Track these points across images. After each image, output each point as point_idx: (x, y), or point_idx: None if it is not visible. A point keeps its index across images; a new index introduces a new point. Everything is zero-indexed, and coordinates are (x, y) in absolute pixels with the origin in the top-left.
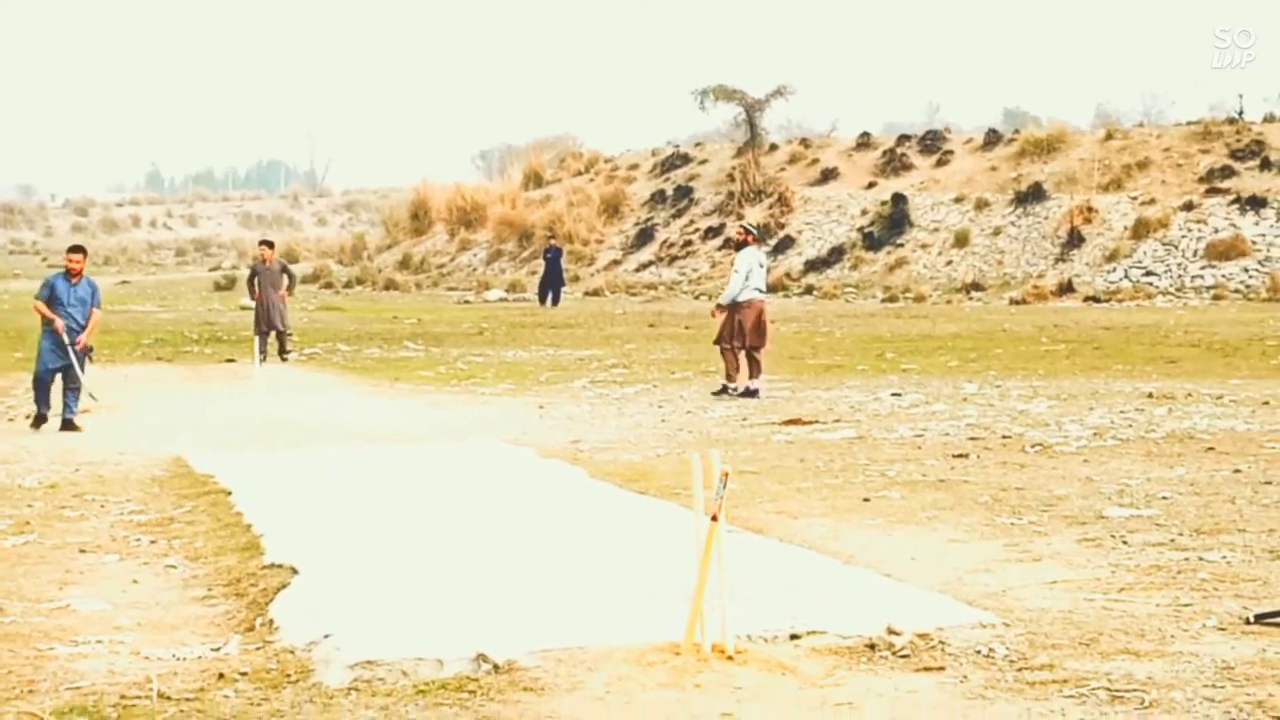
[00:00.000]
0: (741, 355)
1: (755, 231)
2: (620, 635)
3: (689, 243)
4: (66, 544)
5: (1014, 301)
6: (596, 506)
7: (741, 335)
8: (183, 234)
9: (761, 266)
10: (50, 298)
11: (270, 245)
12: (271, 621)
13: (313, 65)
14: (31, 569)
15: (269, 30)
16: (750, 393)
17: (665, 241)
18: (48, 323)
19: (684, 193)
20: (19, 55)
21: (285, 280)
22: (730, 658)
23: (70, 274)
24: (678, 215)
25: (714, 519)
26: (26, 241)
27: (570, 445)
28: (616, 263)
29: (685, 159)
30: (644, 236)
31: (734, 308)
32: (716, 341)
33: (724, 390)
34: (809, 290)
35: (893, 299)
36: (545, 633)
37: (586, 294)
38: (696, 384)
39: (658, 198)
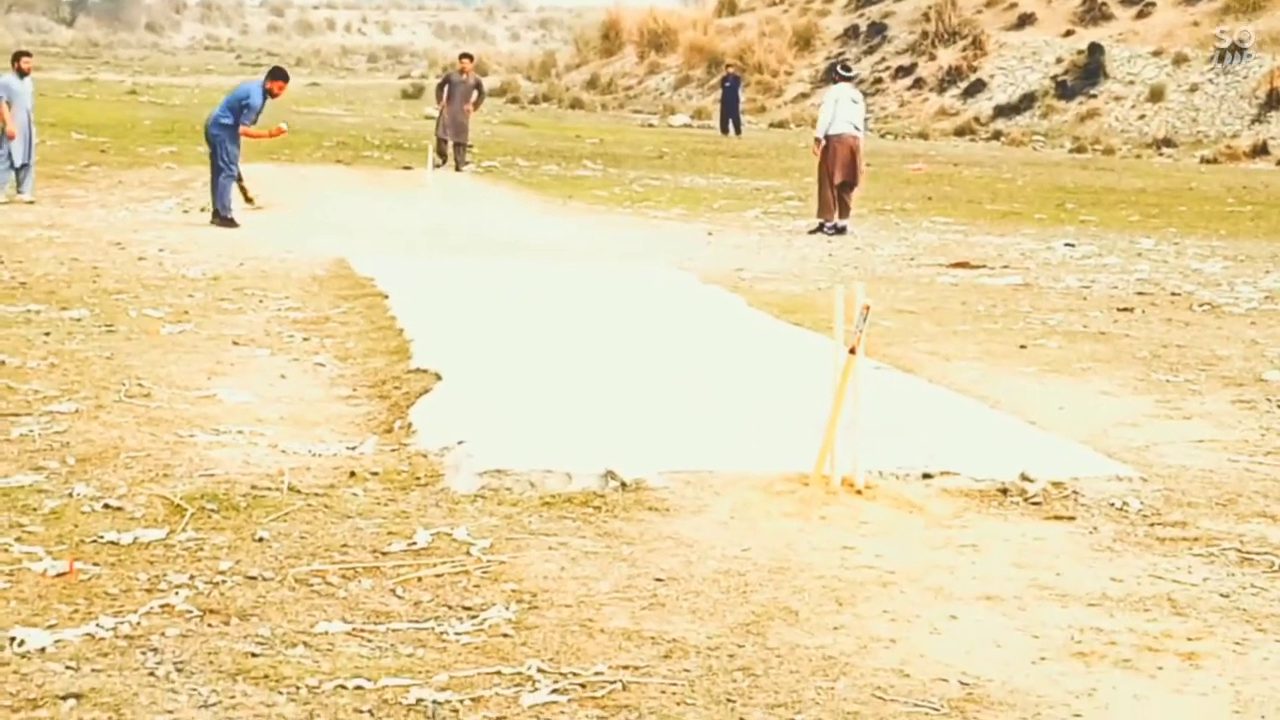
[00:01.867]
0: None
1: (849, 73)
2: (752, 463)
3: (879, 80)
4: (221, 335)
5: (1205, 160)
6: (748, 335)
7: (832, 170)
8: (376, 40)
9: (854, 102)
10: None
11: (470, 58)
12: (409, 425)
13: None
14: (183, 358)
15: None
16: (839, 230)
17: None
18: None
19: (877, 30)
20: None
21: (475, 95)
22: (859, 492)
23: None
24: (869, 52)
25: (852, 352)
26: (222, 38)
27: (733, 273)
28: (804, 95)
29: None
30: (832, 72)
31: (827, 143)
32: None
33: (820, 228)
34: (996, 136)
35: (1080, 150)
36: (677, 455)
37: (771, 125)
38: (870, 221)
39: (850, 33)
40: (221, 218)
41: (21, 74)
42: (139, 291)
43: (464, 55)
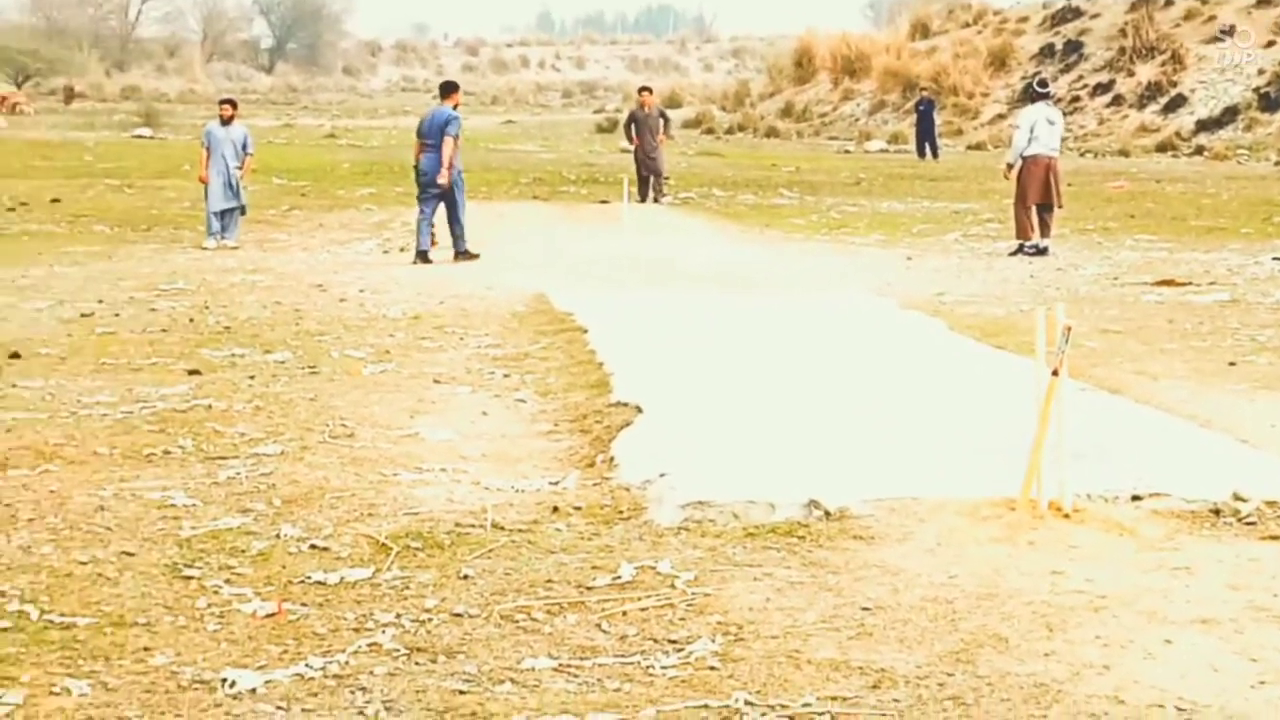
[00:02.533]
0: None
1: (1045, 90)
2: (956, 488)
3: (1076, 98)
4: (422, 374)
5: None
6: (950, 359)
7: (1030, 192)
8: (569, 76)
9: (1051, 123)
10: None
11: (649, 91)
12: (611, 458)
13: None
14: (386, 397)
15: None
16: (1041, 251)
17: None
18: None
19: (1074, 47)
20: None
21: (662, 124)
22: (1066, 516)
23: None
24: (1066, 70)
25: (1055, 374)
26: (418, 79)
27: (933, 297)
28: (1001, 116)
29: (1077, 13)
30: (1029, 90)
31: (1023, 165)
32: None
33: (1020, 250)
34: (1199, 151)
35: None
36: (880, 482)
37: (968, 148)
38: (1072, 241)
39: (1046, 51)
40: (467, 253)
41: (223, 121)
42: (341, 332)
43: (643, 89)
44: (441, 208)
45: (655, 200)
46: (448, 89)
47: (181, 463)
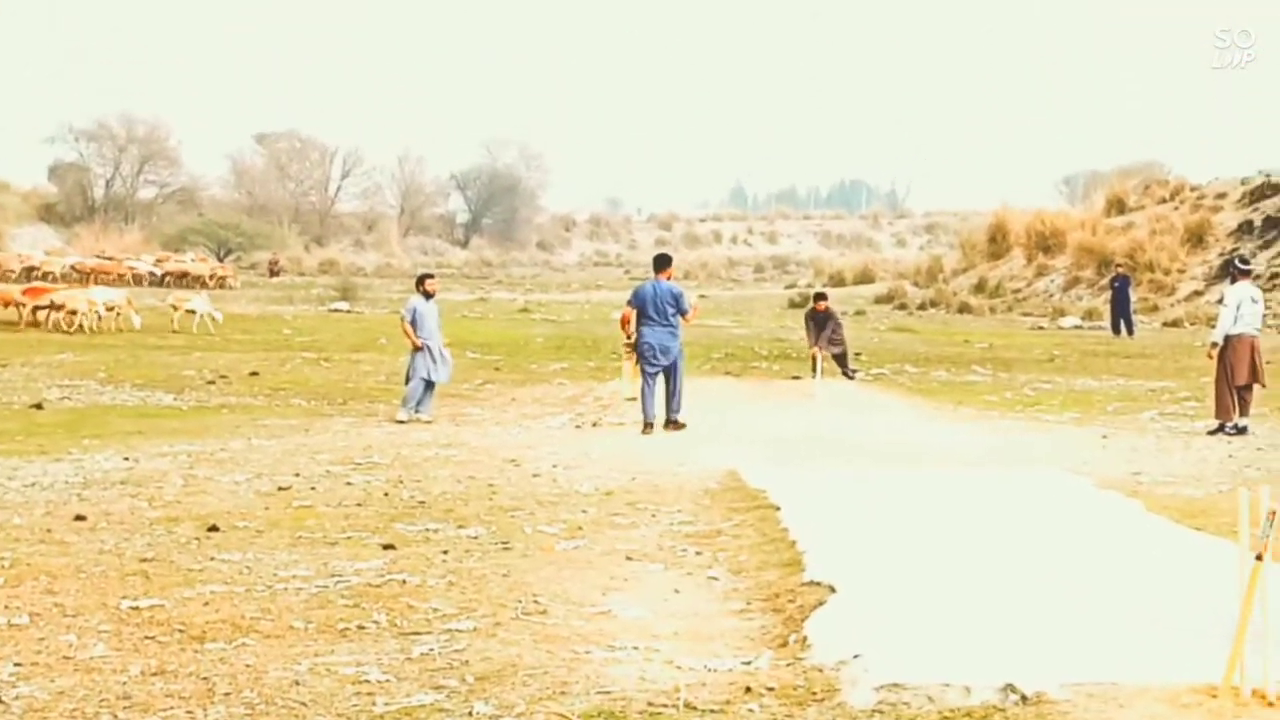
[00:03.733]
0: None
1: (1248, 266)
2: (1157, 673)
3: (1276, 275)
4: (615, 550)
5: None
6: (1148, 541)
7: (1235, 371)
8: (762, 250)
9: (1254, 301)
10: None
11: (824, 297)
12: (805, 638)
13: (898, 84)
14: (578, 573)
15: (856, 50)
16: (1241, 430)
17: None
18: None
19: (1272, 224)
20: (618, 74)
21: (831, 329)
22: (1270, 704)
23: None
24: (1265, 246)
25: (1259, 558)
26: (611, 254)
27: (1130, 477)
28: (1198, 293)
29: (1275, 188)
30: (1229, 267)
31: (1226, 343)
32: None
33: (1220, 429)
34: None
35: None
36: (1078, 666)
37: (1165, 324)
38: (1272, 420)
39: (1245, 228)
40: (678, 423)
41: (427, 295)
42: (534, 508)
43: (819, 295)
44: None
45: (849, 376)
46: (663, 262)
47: (376, 638)
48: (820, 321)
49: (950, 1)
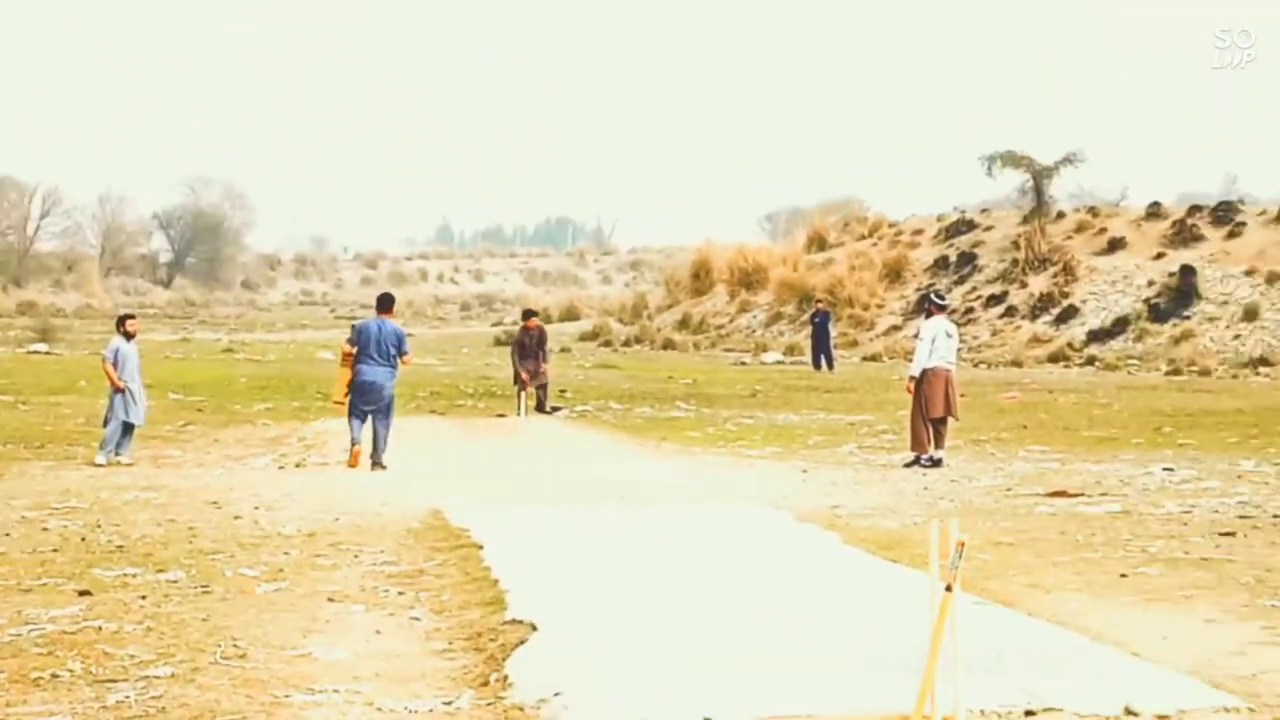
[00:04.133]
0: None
1: (943, 301)
2: (852, 704)
3: (970, 309)
4: (317, 592)
5: None
6: (844, 573)
7: (931, 404)
8: (469, 288)
9: (949, 336)
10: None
11: (533, 314)
12: (506, 677)
13: (605, 125)
14: (279, 616)
15: (562, 90)
16: (936, 462)
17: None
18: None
19: (967, 259)
20: (323, 112)
21: (542, 352)
22: None
23: None
24: (960, 282)
25: (949, 588)
26: (317, 293)
27: (828, 510)
28: (896, 328)
29: (970, 225)
30: (925, 302)
31: (922, 377)
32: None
33: (916, 461)
34: (1091, 361)
35: (1176, 372)
36: (775, 699)
37: (864, 359)
38: (965, 452)
39: (940, 263)
40: (382, 464)
41: (128, 336)
42: (235, 550)
43: (528, 313)
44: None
45: (549, 412)
46: (387, 302)
47: (70, 686)
48: (531, 343)
49: (649, 39)
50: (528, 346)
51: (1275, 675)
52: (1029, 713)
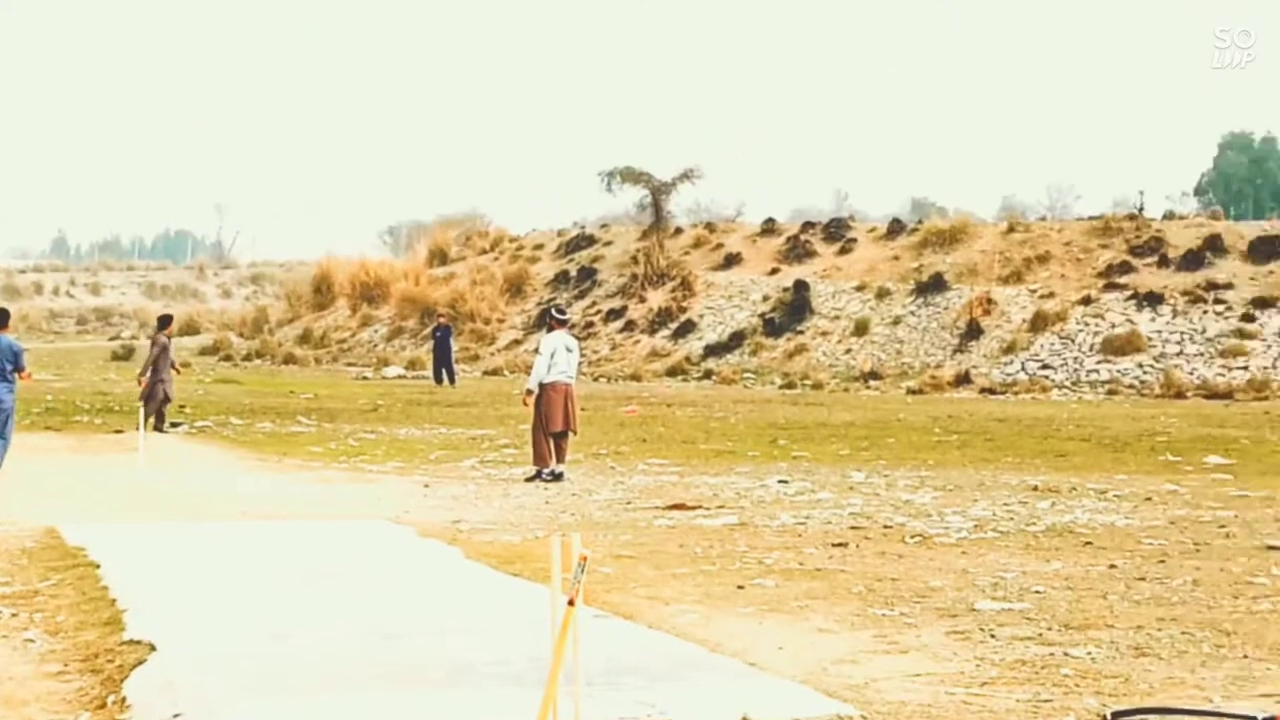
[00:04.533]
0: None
1: (564, 316)
2: (474, 719)
3: (590, 324)
4: None
5: (911, 391)
6: (467, 588)
7: (550, 419)
8: (85, 302)
9: (569, 350)
10: None
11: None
12: (124, 699)
13: (223, 136)
14: None
15: (178, 100)
16: (557, 476)
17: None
18: None
19: (587, 274)
20: None
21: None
22: None
23: None
24: (580, 296)
25: (571, 603)
26: None
27: (451, 525)
28: (518, 342)
29: (590, 240)
30: (546, 316)
31: (541, 392)
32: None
33: (537, 475)
34: (708, 375)
35: (790, 385)
36: (397, 714)
37: (486, 373)
38: (586, 466)
39: (561, 278)
40: None
41: None
42: None
43: (164, 318)
44: None
45: (159, 429)
46: (3, 317)
47: None
48: (158, 352)
49: (262, 44)
50: (157, 358)
51: (887, 683)
52: None
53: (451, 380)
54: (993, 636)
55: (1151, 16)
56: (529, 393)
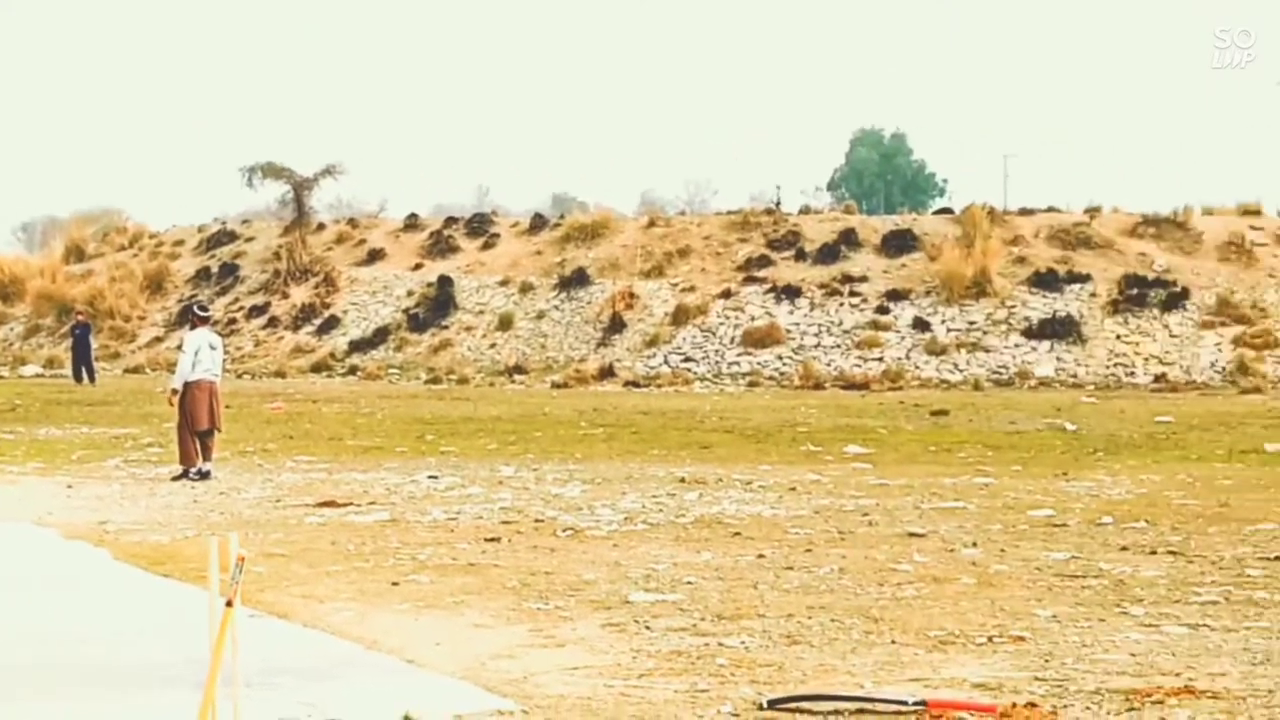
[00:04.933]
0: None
1: (206, 313)
2: None
3: (233, 321)
4: None
5: (556, 385)
6: (117, 590)
7: (195, 417)
8: None
9: (213, 348)
10: None
11: None
12: None
13: None
14: None
15: None
16: (204, 475)
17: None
18: None
19: (229, 270)
20: None
21: None
22: None
23: None
24: (223, 293)
25: (229, 604)
26: None
27: (97, 526)
28: (159, 339)
29: (232, 236)
30: (188, 313)
31: (186, 390)
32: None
33: (184, 475)
34: (353, 371)
35: (436, 381)
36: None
37: (127, 371)
38: (233, 464)
39: (202, 275)
40: None
41: None
42: None
43: None
44: None
45: None
46: None
47: None
48: None
49: None
50: None
51: (545, 677)
52: None
53: (91, 379)
54: (648, 628)
55: (779, 14)
56: (173, 391)
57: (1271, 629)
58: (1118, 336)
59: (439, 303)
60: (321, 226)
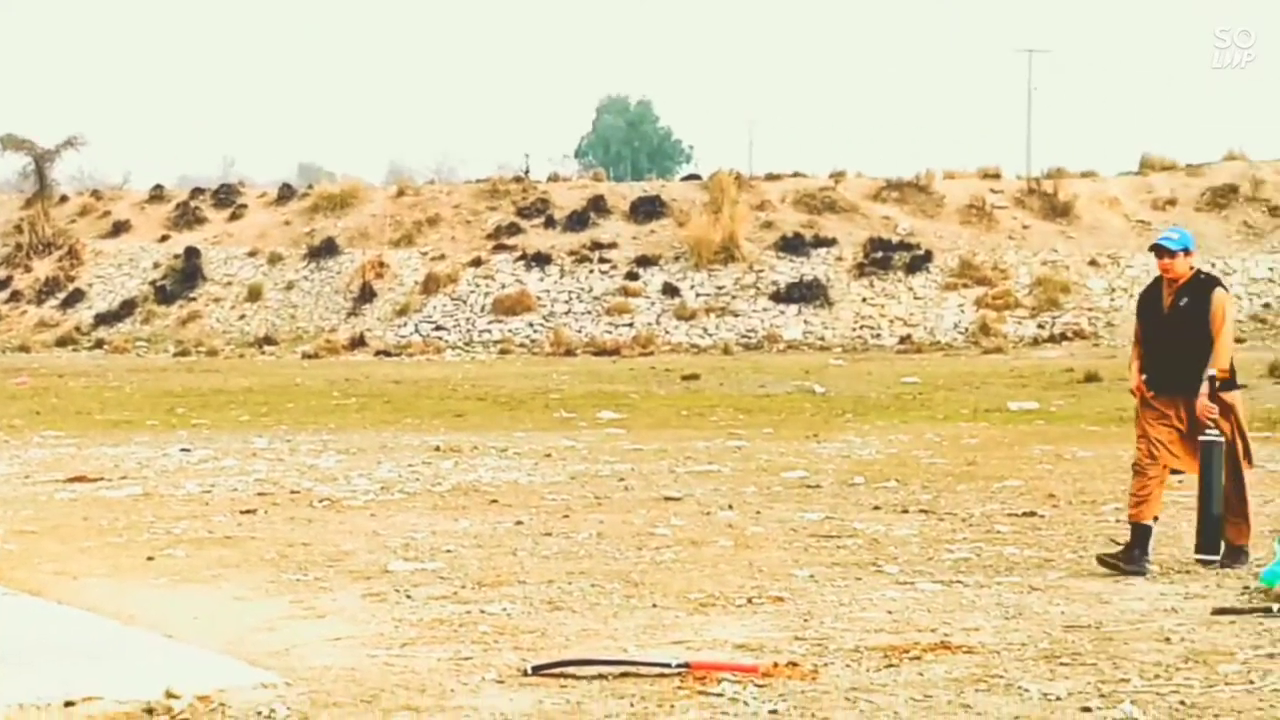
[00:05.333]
0: None
1: None
2: None
3: None
4: None
5: (306, 355)
6: None
7: None
8: None
9: None
10: None
11: None
12: None
13: None
14: None
15: None
16: None
17: None
18: None
19: None
20: None
21: None
22: None
23: None
24: None
25: None
26: None
27: None
28: None
29: None
30: None
31: None
32: None
33: None
34: (99, 344)
35: (185, 353)
36: None
37: None
38: None
39: None
40: None
41: None
42: None
43: None
44: None
45: None
46: None
47: None
48: None
49: None
50: None
51: (306, 648)
52: (69, 703)
53: None
54: (409, 597)
55: None
56: None
57: (1022, 584)
58: (863, 299)
59: (186, 274)
60: (64, 199)
